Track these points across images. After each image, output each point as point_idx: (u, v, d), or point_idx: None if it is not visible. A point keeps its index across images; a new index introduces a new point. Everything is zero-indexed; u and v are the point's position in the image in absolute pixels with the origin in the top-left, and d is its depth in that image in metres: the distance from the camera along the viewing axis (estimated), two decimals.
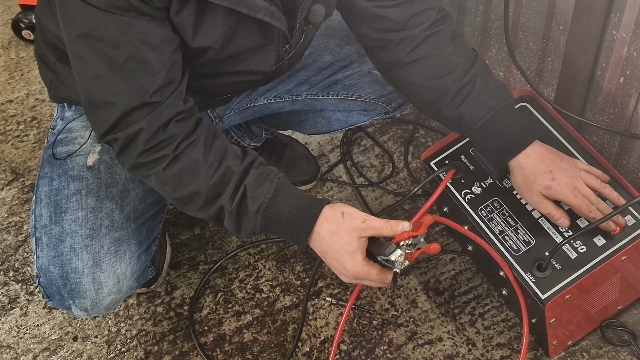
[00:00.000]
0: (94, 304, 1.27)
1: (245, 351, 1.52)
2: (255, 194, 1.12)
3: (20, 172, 1.93)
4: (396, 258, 1.11)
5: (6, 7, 2.50)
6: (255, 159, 1.16)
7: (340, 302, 1.57)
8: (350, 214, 1.13)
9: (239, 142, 1.75)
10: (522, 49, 1.63)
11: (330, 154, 1.90)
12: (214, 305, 1.60)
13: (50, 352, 1.55)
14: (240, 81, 1.31)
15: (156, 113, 1.09)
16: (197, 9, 1.08)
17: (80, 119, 1.37)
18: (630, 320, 1.46)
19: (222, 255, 1.69)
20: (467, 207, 1.37)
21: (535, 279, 1.25)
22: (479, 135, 1.27)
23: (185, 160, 1.12)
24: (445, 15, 1.28)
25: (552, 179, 1.23)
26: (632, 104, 1.38)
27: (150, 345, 1.54)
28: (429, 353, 1.47)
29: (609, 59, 1.38)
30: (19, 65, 2.27)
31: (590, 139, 1.56)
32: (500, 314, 1.52)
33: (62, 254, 1.25)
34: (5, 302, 1.64)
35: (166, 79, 1.09)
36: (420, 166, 1.82)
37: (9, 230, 1.79)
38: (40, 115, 2.08)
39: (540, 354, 1.43)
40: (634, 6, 1.25)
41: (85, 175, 1.30)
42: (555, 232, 1.29)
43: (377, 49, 1.31)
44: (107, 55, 1.05)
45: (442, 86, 1.26)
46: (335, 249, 1.13)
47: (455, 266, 1.61)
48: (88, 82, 1.09)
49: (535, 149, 1.24)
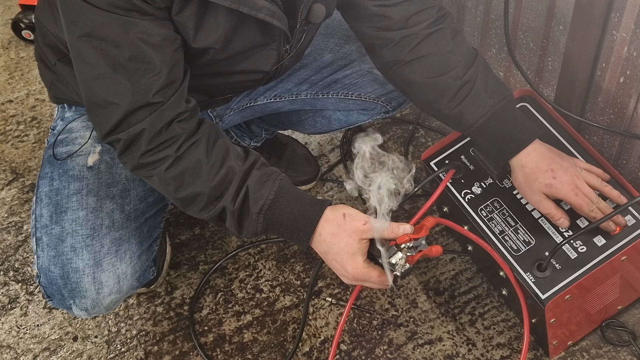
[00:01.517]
0: (94, 303, 1.27)
1: (245, 351, 1.52)
2: (257, 195, 1.12)
3: (20, 172, 1.93)
4: (397, 261, 1.11)
5: (6, 7, 2.50)
6: (257, 160, 1.16)
7: (340, 302, 1.57)
8: (351, 216, 1.12)
9: (238, 142, 1.75)
10: (522, 49, 1.63)
11: (330, 154, 1.90)
12: (214, 305, 1.60)
13: (50, 352, 1.55)
14: (240, 81, 1.31)
15: (158, 113, 1.09)
16: (199, 9, 1.08)
17: (80, 119, 1.37)
18: (630, 320, 1.46)
19: (222, 255, 1.69)
20: (467, 207, 1.37)
21: (535, 279, 1.25)
22: (480, 134, 1.27)
23: (188, 160, 1.12)
24: (445, 14, 1.28)
25: (553, 177, 1.22)
26: (632, 104, 1.38)
27: (150, 345, 1.54)
28: (429, 353, 1.47)
29: (609, 59, 1.38)
30: (19, 65, 2.27)
31: (590, 139, 1.56)
32: (500, 314, 1.52)
33: (63, 254, 1.25)
34: (5, 302, 1.64)
35: (168, 78, 1.09)
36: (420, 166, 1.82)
37: (9, 230, 1.79)
38: (40, 115, 2.08)
39: (540, 354, 1.43)
40: (634, 6, 1.25)
41: (86, 175, 1.30)
42: (555, 232, 1.29)
43: (377, 47, 1.31)
44: (110, 55, 1.05)
45: (442, 84, 1.26)
46: (336, 250, 1.13)
47: (455, 266, 1.61)
48: (90, 82, 1.09)
49: (535, 148, 1.24)
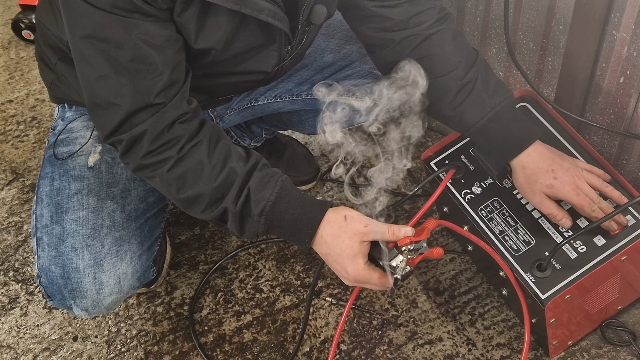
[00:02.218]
0: (95, 303, 1.27)
1: (245, 351, 1.52)
2: (258, 197, 1.12)
3: (20, 172, 1.93)
4: (397, 264, 1.10)
5: (6, 7, 2.50)
6: (259, 161, 1.16)
7: (340, 302, 1.57)
8: (352, 218, 1.12)
9: (238, 142, 1.75)
10: (522, 49, 1.63)
11: (330, 154, 1.90)
12: (214, 305, 1.60)
13: (50, 352, 1.55)
14: (241, 81, 1.31)
15: (160, 114, 1.09)
16: (200, 10, 1.08)
17: (80, 119, 1.37)
18: (630, 320, 1.46)
19: (222, 255, 1.69)
20: (467, 207, 1.37)
21: (535, 279, 1.25)
22: (480, 135, 1.27)
23: (190, 161, 1.12)
24: (446, 15, 1.28)
25: (554, 177, 1.22)
26: (632, 104, 1.38)
27: (150, 345, 1.54)
28: (429, 353, 1.47)
29: (609, 59, 1.38)
30: (19, 65, 2.27)
31: (590, 139, 1.56)
32: (500, 314, 1.52)
33: (63, 254, 1.25)
34: (5, 302, 1.64)
35: (170, 79, 1.09)
36: (420, 166, 1.82)
37: (9, 230, 1.79)
38: (40, 115, 2.08)
39: (540, 354, 1.43)
40: (634, 6, 1.26)
41: (86, 175, 1.30)
42: (555, 232, 1.29)
43: (378, 48, 1.31)
44: (112, 56, 1.05)
45: (443, 85, 1.26)
46: (337, 252, 1.13)
47: (455, 266, 1.61)
48: (92, 83, 1.09)
49: (536, 148, 1.24)
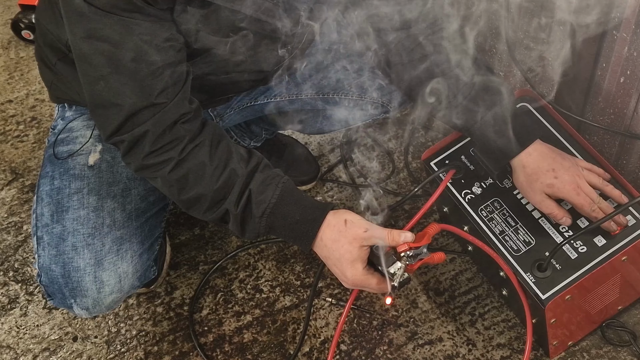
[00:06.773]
0: (95, 302, 1.27)
1: (245, 351, 1.52)
2: (259, 199, 1.12)
3: (20, 172, 1.92)
4: (395, 271, 1.10)
5: (6, 7, 2.50)
6: (261, 162, 1.16)
7: (340, 302, 1.57)
8: (353, 222, 1.13)
9: (239, 142, 1.75)
10: (522, 49, 1.63)
11: (330, 154, 1.90)
12: (214, 305, 1.60)
13: (50, 352, 1.54)
14: (241, 80, 1.31)
15: (162, 114, 1.09)
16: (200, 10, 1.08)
17: (80, 118, 1.37)
18: (631, 320, 1.46)
19: (222, 255, 1.69)
20: (467, 207, 1.37)
21: (535, 279, 1.25)
22: (480, 135, 1.27)
23: (191, 162, 1.12)
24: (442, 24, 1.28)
25: (554, 177, 1.22)
26: (632, 104, 1.38)
27: (150, 345, 1.54)
28: (429, 353, 1.47)
29: (609, 59, 1.38)
30: (19, 65, 2.27)
31: (590, 139, 1.56)
32: (501, 314, 1.52)
33: (64, 253, 1.25)
34: (5, 302, 1.64)
35: (171, 79, 1.09)
36: (420, 166, 1.82)
37: (9, 230, 1.79)
38: (40, 115, 2.08)
39: (541, 354, 1.43)
40: (634, 6, 1.26)
41: (87, 174, 1.31)
42: (555, 232, 1.29)
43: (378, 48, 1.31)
44: (112, 57, 1.05)
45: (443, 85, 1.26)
46: (336, 256, 1.13)
47: (455, 266, 1.61)
48: (93, 83, 1.09)
49: (536, 148, 1.24)
